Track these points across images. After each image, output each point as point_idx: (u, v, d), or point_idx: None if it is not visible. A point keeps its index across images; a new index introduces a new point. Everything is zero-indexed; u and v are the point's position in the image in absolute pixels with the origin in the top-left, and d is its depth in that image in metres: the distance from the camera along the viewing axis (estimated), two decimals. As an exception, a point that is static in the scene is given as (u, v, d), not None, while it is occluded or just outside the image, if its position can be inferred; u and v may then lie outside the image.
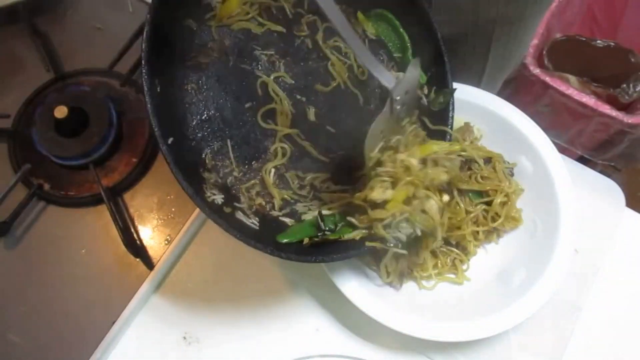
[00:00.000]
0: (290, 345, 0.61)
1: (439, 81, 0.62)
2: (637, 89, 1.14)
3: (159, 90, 0.49)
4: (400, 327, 0.56)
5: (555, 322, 0.62)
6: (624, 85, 1.15)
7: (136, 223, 0.67)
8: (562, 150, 0.71)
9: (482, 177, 0.64)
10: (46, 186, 0.67)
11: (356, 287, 0.58)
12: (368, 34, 0.64)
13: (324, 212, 0.56)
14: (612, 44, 1.25)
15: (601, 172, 0.73)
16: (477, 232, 0.62)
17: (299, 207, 0.58)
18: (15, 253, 0.65)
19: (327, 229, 0.55)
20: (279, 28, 0.61)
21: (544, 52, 1.20)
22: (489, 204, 0.63)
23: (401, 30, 0.63)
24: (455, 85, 0.65)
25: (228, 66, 0.58)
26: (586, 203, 0.63)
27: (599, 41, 1.25)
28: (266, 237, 0.53)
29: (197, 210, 0.66)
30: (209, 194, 0.52)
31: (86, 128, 0.68)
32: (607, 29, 1.29)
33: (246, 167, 0.58)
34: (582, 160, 1.18)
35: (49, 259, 0.65)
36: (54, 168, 0.68)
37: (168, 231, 0.66)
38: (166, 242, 0.65)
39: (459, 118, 0.66)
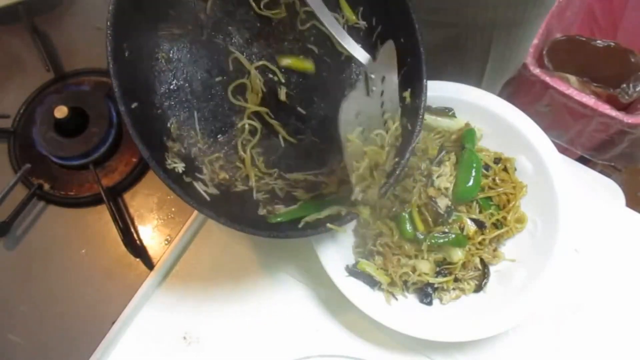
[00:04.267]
0: (290, 345, 0.61)
1: (414, 73, 0.59)
2: (637, 89, 1.13)
3: (126, 55, 0.49)
4: (400, 327, 0.56)
5: (555, 322, 0.62)
6: (624, 85, 1.15)
7: (136, 223, 0.66)
8: (562, 150, 0.71)
9: (499, 180, 0.63)
10: (46, 186, 0.67)
11: (356, 287, 0.58)
12: (348, 21, 0.61)
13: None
14: (612, 44, 1.25)
15: (601, 172, 0.73)
16: (485, 239, 0.62)
17: (262, 184, 0.58)
18: (15, 253, 0.65)
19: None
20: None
21: (544, 52, 1.20)
22: (498, 206, 0.63)
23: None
24: (455, 85, 0.65)
25: (201, 39, 0.57)
26: (586, 203, 0.63)
27: (599, 41, 1.25)
28: (222, 208, 0.52)
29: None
30: (169, 161, 0.52)
31: (86, 128, 0.68)
32: (607, 29, 1.30)
33: (211, 140, 0.58)
34: (582, 160, 1.18)
35: (49, 259, 0.65)
36: (54, 168, 0.68)
37: (168, 231, 0.66)
38: (166, 242, 0.65)
39: (459, 118, 0.66)
